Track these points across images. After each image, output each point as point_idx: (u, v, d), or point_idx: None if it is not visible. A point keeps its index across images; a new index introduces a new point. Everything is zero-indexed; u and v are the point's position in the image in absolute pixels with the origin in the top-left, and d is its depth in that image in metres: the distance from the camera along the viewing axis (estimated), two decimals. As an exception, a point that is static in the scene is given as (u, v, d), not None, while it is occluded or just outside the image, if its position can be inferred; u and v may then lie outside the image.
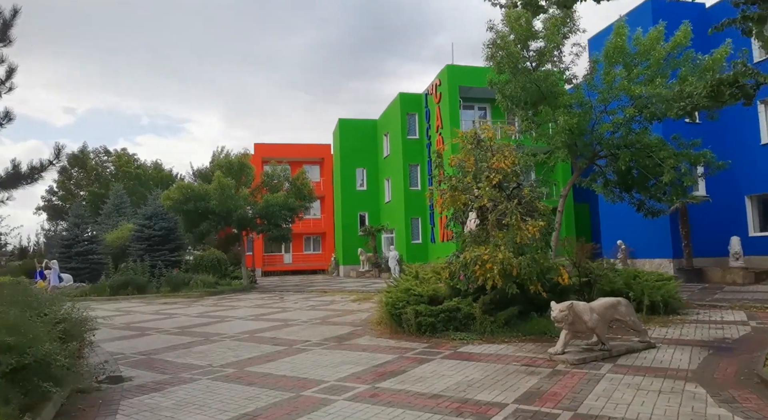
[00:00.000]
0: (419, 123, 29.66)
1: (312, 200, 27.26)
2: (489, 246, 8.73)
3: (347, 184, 34.83)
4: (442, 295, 9.45)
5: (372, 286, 22.34)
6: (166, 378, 6.80)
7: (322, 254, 41.39)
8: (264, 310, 14.93)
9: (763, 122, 19.01)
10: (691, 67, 13.96)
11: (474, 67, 26.00)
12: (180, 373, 7.03)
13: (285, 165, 26.23)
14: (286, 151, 37.92)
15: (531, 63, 15.05)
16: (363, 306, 14.92)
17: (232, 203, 22.87)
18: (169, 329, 11.55)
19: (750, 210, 19.43)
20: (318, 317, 12.74)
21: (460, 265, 8.73)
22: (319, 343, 8.93)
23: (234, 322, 12.51)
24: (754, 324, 9.36)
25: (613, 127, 14.06)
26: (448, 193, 9.46)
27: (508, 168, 9.00)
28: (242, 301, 18.62)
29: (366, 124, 35.75)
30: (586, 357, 6.84)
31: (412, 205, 28.82)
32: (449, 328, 8.96)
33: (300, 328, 10.89)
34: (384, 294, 10.28)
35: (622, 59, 14.59)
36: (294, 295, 20.55)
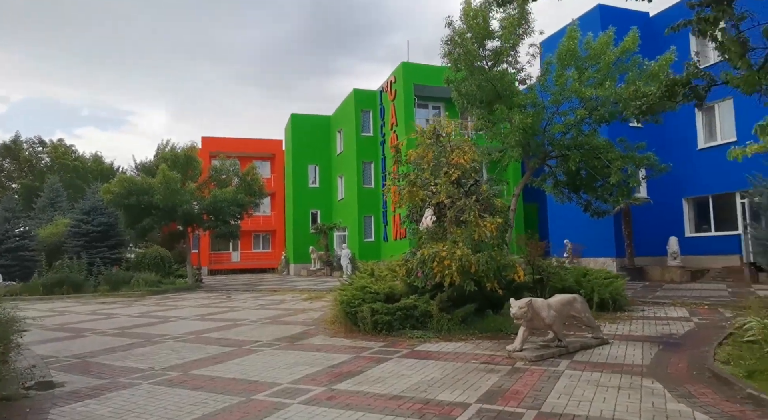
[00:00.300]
0: (373, 120, 29.47)
1: (262, 196, 26.51)
2: (447, 243, 8.62)
3: (299, 181, 34.19)
4: (399, 293, 9.28)
5: (324, 285, 21.96)
6: (103, 383, 6.25)
7: (272, 252, 40.48)
8: (210, 310, 14.29)
9: (701, 128, 20.04)
10: (637, 72, 14.45)
11: (429, 66, 26.10)
12: (118, 378, 6.48)
13: (234, 159, 25.35)
14: (235, 146, 36.82)
15: (487, 62, 15.17)
16: (315, 305, 14.56)
17: (177, 198, 21.87)
18: (107, 330, 10.80)
19: (687, 212, 20.45)
20: (268, 317, 12.29)
21: (417, 262, 8.57)
22: (271, 344, 8.54)
23: (178, 322, 11.86)
24: (696, 320, 9.71)
25: (564, 128, 14.36)
26: (406, 188, 9.29)
27: (467, 164, 8.93)
28: (187, 300, 17.80)
29: (319, 120, 35.21)
30: (544, 354, 6.83)
31: (365, 203, 28.60)
32: (406, 326, 8.79)
33: (249, 328, 10.43)
34: (338, 292, 9.99)
35: (573, 62, 14.92)
36: (242, 294, 19.87)
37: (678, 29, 7.10)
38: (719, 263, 18.46)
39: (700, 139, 19.99)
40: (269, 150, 40.64)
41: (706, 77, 7.28)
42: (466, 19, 14.83)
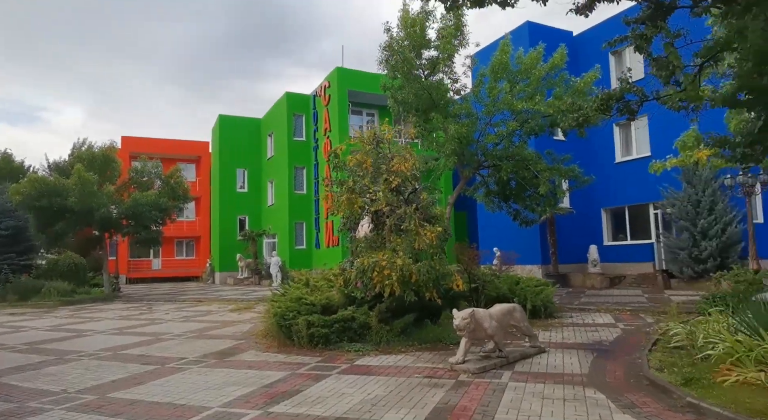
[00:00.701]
0: (306, 125, 28.89)
1: (187, 201, 25.13)
2: (386, 252, 8.42)
3: (226, 186, 32.81)
4: (336, 304, 8.95)
5: (252, 295, 21.09)
6: (10, 408, 5.50)
7: (196, 260, 38.53)
8: (130, 323, 13.19)
9: (618, 143, 21.34)
10: (564, 87, 15.11)
11: (364, 73, 25.98)
12: (27, 402, 5.72)
13: (156, 161, 23.84)
14: (158, 147, 34.77)
15: (423, 71, 15.27)
16: (244, 316, 13.87)
17: (94, 201, 20.18)
18: (14, 346, 9.66)
19: (605, 221, 21.66)
20: (194, 330, 11.50)
21: (356, 271, 8.29)
22: (198, 361, 7.92)
23: (94, 336, 10.82)
24: (622, 326, 10.15)
25: (497, 138, 14.70)
26: (344, 195, 9.00)
27: (407, 171, 8.80)
28: (104, 311, 16.39)
29: (249, 122, 34.03)
30: (486, 365, 6.78)
31: (296, 209, 27.90)
32: (344, 339, 8.47)
33: (174, 343, 9.67)
34: (271, 303, 9.50)
35: (505, 75, 15.35)
36: (165, 304, 18.62)
37: (614, 45, 7.38)
38: (635, 270, 19.67)
39: (617, 153, 21.27)
40: (195, 152, 38.77)
41: (638, 93, 7.60)
42: (403, 27, 14.87)
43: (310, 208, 28.05)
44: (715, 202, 16.69)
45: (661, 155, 19.82)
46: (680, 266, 17.17)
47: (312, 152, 28.13)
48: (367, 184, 9.28)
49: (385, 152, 9.36)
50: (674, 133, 18.38)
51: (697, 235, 16.65)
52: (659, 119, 16.90)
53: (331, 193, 9.39)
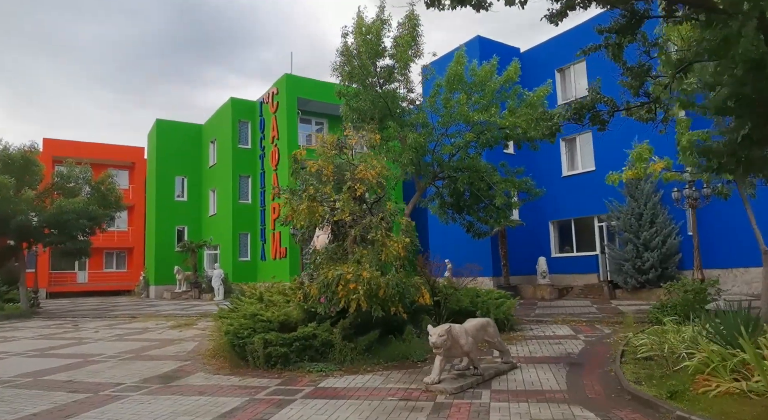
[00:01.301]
0: (252, 132, 27.80)
1: (119, 209, 23.31)
2: (351, 264, 7.87)
3: (164, 194, 30.91)
4: (295, 321, 8.27)
5: (193, 310, 19.75)
6: None
7: (128, 273, 36.01)
8: (52, 343, 11.78)
9: (564, 157, 21.90)
10: (517, 100, 15.24)
11: (314, 80, 25.43)
12: None
13: (86, 165, 21.98)
14: (86, 151, 32.24)
15: (378, 79, 14.95)
16: (186, 334, 12.79)
17: (10, 207, 18.22)
18: None
19: (552, 234, 22.09)
20: (130, 350, 10.37)
21: (320, 285, 7.66)
22: (138, 387, 6.98)
23: (9, 360, 9.46)
24: (583, 338, 10.07)
25: (453, 149, 14.56)
26: (304, 203, 8.37)
27: (373, 179, 8.30)
28: (20, 330, 14.66)
29: (189, 128, 32.38)
30: (463, 384, 6.34)
31: (241, 220, 26.64)
32: (304, 358, 7.79)
33: (107, 366, 8.58)
34: (221, 321, 8.67)
35: (460, 86, 15.29)
36: (93, 321, 17.00)
37: (588, 53, 7.27)
38: (581, 281, 20.10)
39: (564, 168, 21.81)
40: (128, 158, 36.43)
41: (609, 103, 7.56)
42: (358, 34, 14.51)
43: (255, 218, 26.89)
44: (656, 215, 17.34)
45: (605, 169, 20.40)
46: (624, 277, 17.67)
47: (258, 160, 27.06)
48: (328, 192, 8.71)
49: (349, 159, 8.83)
50: (618, 149, 19.12)
51: (640, 246, 17.21)
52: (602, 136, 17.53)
53: (288, 201, 8.71)
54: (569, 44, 22.21)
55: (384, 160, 8.72)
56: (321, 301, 7.64)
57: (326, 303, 7.63)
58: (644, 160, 11.90)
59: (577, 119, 7.35)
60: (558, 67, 22.40)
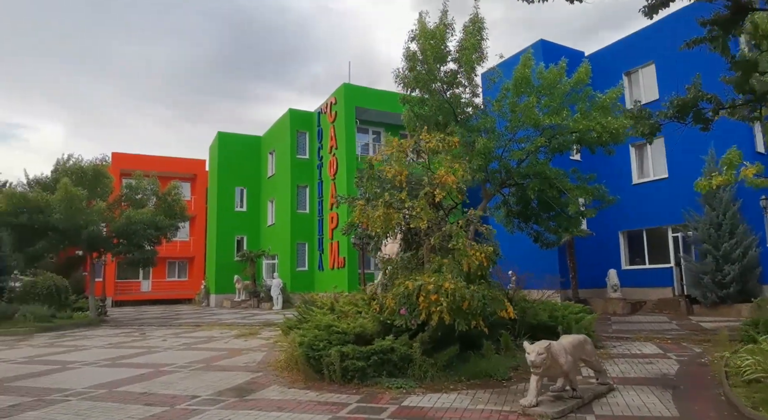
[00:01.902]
0: (310, 142, 27.98)
1: (184, 219, 23.89)
2: (431, 274, 7.40)
3: (224, 205, 31.58)
4: (370, 333, 7.85)
5: (254, 319, 19.80)
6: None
7: (189, 281, 36.95)
8: (122, 352, 11.90)
9: (634, 164, 20.68)
10: (587, 103, 14.43)
11: (372, 89, 25.34)
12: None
13: (153, 178, 22.68)
14: (151, 164, 33.44)
15: (442, 84, 14.53)
16: (252, 343, 12.66)
17: (81, 218, 18.91)
18: (-19, 384, 8.31)
19: (622, 245, 20.82)
20: (199, 360, 10.27)
21: (399, 296, 7.23)
22: (213, 400, 6.75)
23: (81, 369, 9.53)
24: (674, 357, 9.19)
25: (523, 154, 13.89)
26: (380, 210, 7.98)
27: (453, 184, 7.83)
28: (90, 338, 15.03)
29: (248, 139, 33.05)
30: (564, 408, 5.72)
31: (299, 229, 26.74)
32: (382, 373, 7.36)
33: (179, 377, 8.45)
34: (294, 331, 8.39)
35: (528, 90, 14.64)
36: (159, 329, 17.28)
37: (693, 46, 6.56)
38: (654, 295, 18.76)
39: (634, 175, 20.59)
40: (190, 170, 37.59)
41: (713, 100, 6.80)
42: (421, 38, 14.17)
43: (313, 228, 26.92)
44: (735, 225, 16.03)
45: (678, 177, 19.23)
46: (703, 291, 16.33)
47: (316, 170, 27.14)
48: (404, 199, 8.30)
49: (425, 163, 8.41)
50: (692, 155, 17.84)
51: (719, 259, 15.90)
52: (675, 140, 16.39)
53: (362, 208, 8.35)
54: (638, 46, 21.07)
55: (466, 165, 8.21)
56: (401, 312, 7.20)
57: (407, 315, 7.18)
58: (734, 166, 10.89)
59: (679, 118, 6.65)
60: (626, 70, 21.30)
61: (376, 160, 8.77)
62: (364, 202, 8.37)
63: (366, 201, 8.67)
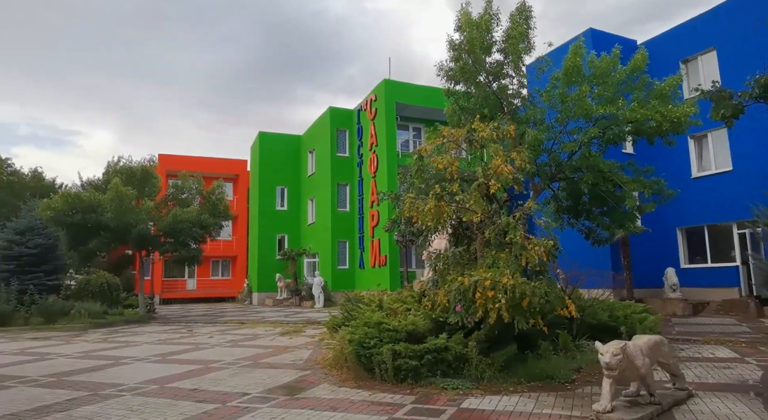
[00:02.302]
0: (350, 140, 27.89)
1: (228, 218, 24.19)
2: (486, 269, 6.99)
3: (266, 204, 31.91)
4: (422, 331, 7.50)
5: (296, 317, 19.79)
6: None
7: (232, 280, 37.59)
8: (171, 348, 11.97)
9: (693, 156, 19.54)
10: (645, 92, 13.63)
11: (412, 85, 25.01)
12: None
13: (198, 177, 23.04)
14: (196, 165, 34.18)
15: (488, 75, 14.03)
16: (297, 341, 12.53)
17: (131, 217, 19.34)
18: (38, 378, 8.42)
19: (681, 242, 19.71)
20: (246, 356, 10.18)
21: (455, 292, 6.85)
22: (263, 397, 6.56)
23: (133, 365, 9.57)
24: (753, 361, 8.43)
25: (576, 145, 13.23)
26: (431, 203, 7.62)
27: (509, 175, 7.39)
28: (140, 335, 15.27)
29: (289, 139, 33.32)
30: (643, 416, 5.22)
31: (339, 228, 26.69)
32: (435, 373, 7.00)
33: (228, 374, 8.34)
34: (343, 329, 8.14)
35: (580, 79, 13.95)
36: (205, 327, 17.45)
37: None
38: (718, 296, 17.63)
39: (693, 168, 19.47)
40: (232, 170, 38.22)
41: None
42: (465, 29, 13.71)
43: (353, 226, 26.82)
44: (808, 220, 14.80)
45: (744, 170, 18.02)
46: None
47: (356, 168, 27.03)
48: (455, 191, 7.91)
49: (475, 153, 7.99)
50: (759, 146, 16.66)
51: (792, 257, 14.74)
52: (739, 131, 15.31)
53: (412, 202, 8.00)
54: (696, 32, 19.92)
55: (525, 153, 7.75)
56: (457, 310, 6.82)
57: (462, 312, 6.79)
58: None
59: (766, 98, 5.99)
60: (683, 57, 20.16)
61: (425, 151, 8.40)
62: (414, 195, 8.02)
63: (416, 194, 8.31)
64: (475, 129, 8.01)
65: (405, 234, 17.50)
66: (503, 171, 7.26)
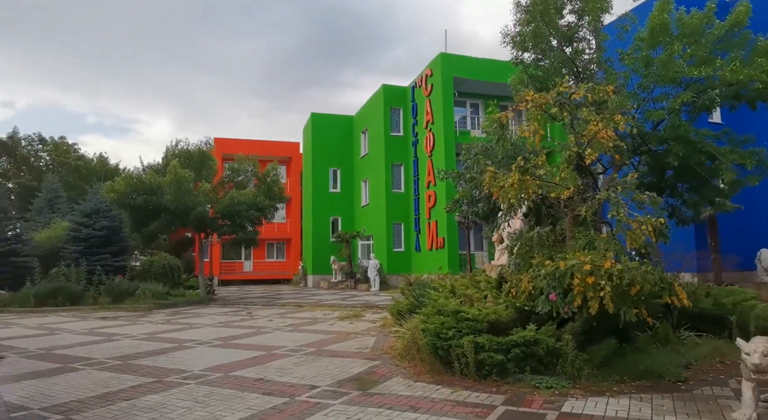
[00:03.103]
0: (404, 118, 27.01)
1: (283, 200, 24.02)
2: (588, 252, 6.07)
3: (319, 186, 31.66)
4: (505, 321, 6.69)
5: (353, 300, 19.38)
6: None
7: (287, 262, 37.89)
8: (232, 331, 11.73)
9: (792, 125, 17.41)
10: (746, 50, 12.01)
11: (470, 58, 23.78)
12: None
13: (253, 159, 22.90)
14: (250, 148, 34.13)
15: (562, 39, 12.77)
16: (358, 326, 12.02)
17: (190, 199, 19.40)
18: (104, 361, 8.25)
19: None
20: (308, 343, 9.72)
21: (548, 278, 5.99)
22: (334, 392, 5.99)
23: (197, 349, 9.30)
24: None
25: (666, 114, 11.85)
26: (515, 175, 6.72)
27: (610, 141, 6.38)
28: (201, 317, 15.26)
29: (341, 119, 32.81)
30: (800, 430, 4.25)
31: (394, 209, 26.02)
32: (524, 369, 6.19)
33: (292, 362, 7.86)
34: (416, 317, 7.47)
35: (667, 39, 12.45)
36: (263, 309, 17.32)
37: None
38: (820, 281, 15.78)
39: (791, 138, 17.35)
40: (285, 153, 38.23)
41: None
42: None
43: (409, 207, 26.09)
44: None
45: None
46: None
47: (411, 148, 26.17)
48: (541, 163, 6.98)
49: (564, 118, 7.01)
50: None
51: None
52: None
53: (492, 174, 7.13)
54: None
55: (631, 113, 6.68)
56: (551, 298, 5.97)
57: (559, 301, 5.93)
58: None
59: None
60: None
61: (506, 117, 7.45)
62: (494, 169, 7.14)
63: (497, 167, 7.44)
64: (563, 92, 6.99)
65: (467, 215, 16.59)
66: (603, 137, 6.25)
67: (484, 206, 14.88)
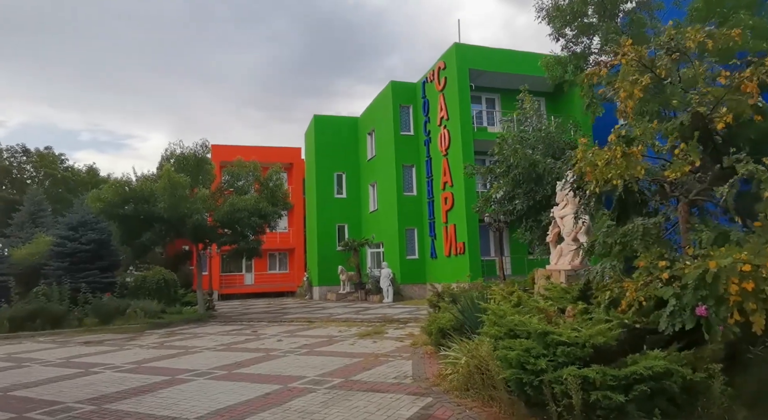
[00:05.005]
0: (414, 117, 25.36)
1: (287, 206, 22.30)
2: (740, 249, 4.34)
3: (323, 191, 29.90)
4: (614, 345, 4.94)
5: (368, 313, 17.58)
6: None
7: (290, 274, 36.00)
8: (237, 356, 9.92)
9: None
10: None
11: (487, 48, 22.20)
12: None
13: (254, 162, 21.20)
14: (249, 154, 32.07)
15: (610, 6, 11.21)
16: (383, 345, 10.25)
17: (185, 206, 17.64)
18: (73, 406, 6.43)
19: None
20: (331, 370, 7.93)
21: (695, 284, 4.25)
22: (387, 452, 4.20)
23: (193, 384, 7.48)
24: None
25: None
26: (618, 149, 5.00)
27: (755, 98, 4.66)
28: (200, 337, 13.45)
29: (345, 121, 31.16)
30: None
31: (406, 214, 24.26)
32: (651, 413, 4.42)
33: (319, 401, 6.07)
34: (482, 339, 5.72)
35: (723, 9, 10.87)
36: (270, 326, 15.51)
37: None
38: None
39: None
40: (286, 159, 36.42)
41: None
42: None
43: (422, 211, 24.34)
44: None
45: None
46: None
47: (423, 147, 24.47)
48: (648, 132, 5.26)
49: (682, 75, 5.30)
50: None
51: None
52: None
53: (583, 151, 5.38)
54: None
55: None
56: (699, 312, 4.21)
57: (712, 316, 4.18)
58: None
59: None
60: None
61: (599, 73, 5.72)
62: (587, 142, 5.41)
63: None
64: (671, 38, 5.29)
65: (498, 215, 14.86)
66: (749, 89, 4.53)
67: (522, 202, 13.24)
